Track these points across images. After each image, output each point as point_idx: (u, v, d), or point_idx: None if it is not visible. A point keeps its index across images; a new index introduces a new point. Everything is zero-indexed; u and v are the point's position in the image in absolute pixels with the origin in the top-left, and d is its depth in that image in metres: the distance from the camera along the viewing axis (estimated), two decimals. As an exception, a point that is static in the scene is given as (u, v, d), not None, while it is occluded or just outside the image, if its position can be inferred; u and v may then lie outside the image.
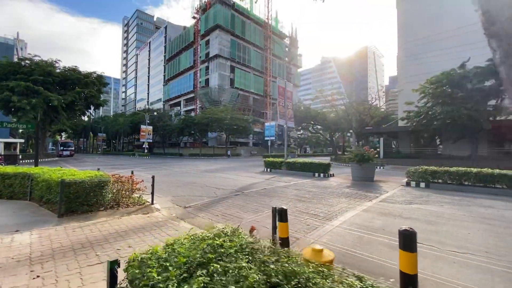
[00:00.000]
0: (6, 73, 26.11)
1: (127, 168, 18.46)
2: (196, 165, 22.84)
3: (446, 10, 25.72)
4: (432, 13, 26.60)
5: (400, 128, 26.58)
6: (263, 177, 13.16)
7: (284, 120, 16.29)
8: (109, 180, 5.82)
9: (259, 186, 9.91)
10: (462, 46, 23.75)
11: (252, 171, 16.62)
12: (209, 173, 15.07)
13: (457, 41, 25.04)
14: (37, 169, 7.03)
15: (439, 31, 25.90)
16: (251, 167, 21.10)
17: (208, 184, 10.37)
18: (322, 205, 6.63)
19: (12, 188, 6.66)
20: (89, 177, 5.50)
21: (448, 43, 25.02)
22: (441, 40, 26.03)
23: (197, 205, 6.76)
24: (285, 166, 15.20)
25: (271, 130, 39.80)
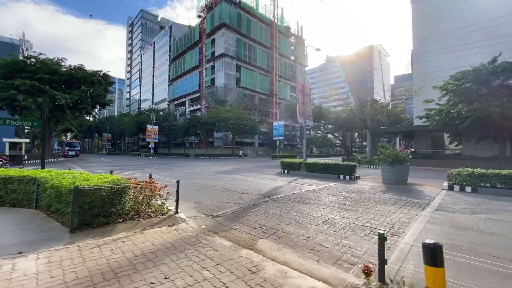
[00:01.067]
0: (11, 71, 25.56)
1: (136, 169, 17.68)
2: (206, 165, 21.99)
3: (468, 2, 24.50)
4: (453, 6, 25.39)
5: (419, 127, 25.41)
6: (284, 180, 12.22)
7: (303, 118, 15.32)
8: (128, 186, 4.93)
9: (286, 191, 8.97)
10: (488, 41, 22.51)
11: (268, 173, 15.69)
12: (224, 175, 14.17)
13: (481, 36, 23.82)
14: (44, 172, 6.18)
15: (460, 25, 24.68)
16: (265, 168, 20.18)
17: (229, 188, 9.46)
18: (374, 215, 5.68)
19: (16, 194, 5.81)
20: (105, 183, 4.61)
21: (471, 37, 23.79)
22: (462, 35, 24.81)
23: (226, 214, 5.85)
24: (305, 168, 14.23)
25: (280, 129, 38.89)
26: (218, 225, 5.09)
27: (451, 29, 26.28)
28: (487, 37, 22.51)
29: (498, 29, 21.74)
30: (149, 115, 56.74)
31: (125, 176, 5.93)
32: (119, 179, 5.11)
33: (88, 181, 4.66)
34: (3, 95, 23.12)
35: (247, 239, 4.29)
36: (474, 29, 23.57)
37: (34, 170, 6.51)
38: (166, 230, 4.57)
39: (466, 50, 23.92)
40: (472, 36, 23.57)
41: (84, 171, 6.85)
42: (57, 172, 6.22)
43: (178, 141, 61.06)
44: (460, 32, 24.67)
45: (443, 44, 27.27)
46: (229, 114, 42.65)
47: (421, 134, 30.73)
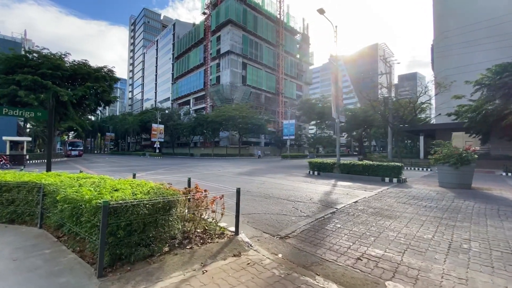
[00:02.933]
0: (12, 66, 24.17)
1: (147, 170, 16.18)
2: (221, 166, 20.47)
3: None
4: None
5: (450, 125, 23.83)
6: (323, 183, 10.70)
7: (337, 113, 13.79)
8: (178, 198, 3.42)
9: (341, 198, 7.44)
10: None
11: (295, 174, 14.16)
12: (250, 177, 12.65)
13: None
14: (51, 176, 4.68)
15: (490, 15, 23.08)
16: (285, 168, 18.65)
17: (271, 194, 7.94)
18: (488, 235, 4.15)
19: (14, 206, 4.31)
20: (145, 194, 3.11)
21: (504, 28, 22.19)
22: (493, 26, 23.20)
23: (296, 234, 4.34)
24: (339, 169, 12.70)
25: (291, 128, 37.37)
26: (298, 253, 3.58)
27: (479, 20, 24.66)
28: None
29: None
30: (153, 113, 55.34)
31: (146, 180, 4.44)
32: (160, 188, 3.60)
33: (119, 192, 3.15)
34: (4, 91, 21.73)
35: (365, 281, 2.79)
36: (508, 20, 21.98)
37: (39, 173, 5.01)
38: (235, 264, 3.06)
39: (498, 43, 22.31)
40: (506, 27, 21.97)
41: (91, 173, 5.36)
42: (69, 177, 4.72)
43: (182, 140, 59.61)
44: (490, 23, 23.05)
45: (469, 36, 25.66)
46: (237, 113, 41.14)
47: (444, 133, 29.18)
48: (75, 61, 28.23)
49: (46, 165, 5.87)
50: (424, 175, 14.99)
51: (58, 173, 5.34)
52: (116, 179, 4.58)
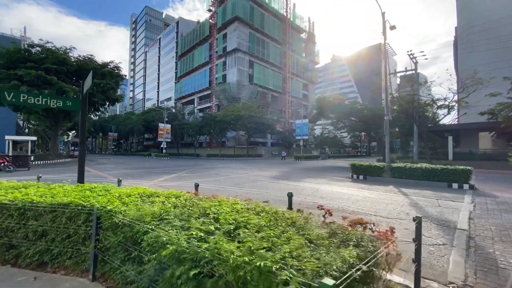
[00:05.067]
0: (13, 60, 22.51)
1: (168, 173, 14.56)
2: (241, 168, 18.91)
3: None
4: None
5: (485, 125, 22.44)
6: (388, 190, 9.21)
7: (387, 111, 12.33)
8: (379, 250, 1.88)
9: (447, 214, 5.95)
10: None
11: (337, 179, 12.66)
12: (291, 183, 11.13)
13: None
14: (106, 194, 3.15)
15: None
16: (316, 171, 17.13)
17: (353, 209, 6.43)
18: None
19: (47, 242, 2.79)
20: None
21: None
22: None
23: (461, 279, 2.84)
24: (390, 173, 11.20)
25: (304, 128, 35.90)
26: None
27: (505, 15, 23.35)
28: None
29: None
30: (157, 113, 53.66)
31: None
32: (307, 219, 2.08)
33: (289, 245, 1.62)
34: (5, 86, 20.04)
35: None
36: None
37: (74, 187, 3.47)
38: None
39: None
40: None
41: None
42: (122, 193, 3.19)
43: (187, 140, 58.03)
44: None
45: (498, 32, 24.29)
46: (246, 112, 39.60)
47: (469, 134, 27.84)
48: (80, 56, 26.63)
49: (78, 173, 4.33)
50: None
51: (93, 185, 3.81)
52: (185, 192, 3.07)
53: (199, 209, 2.45)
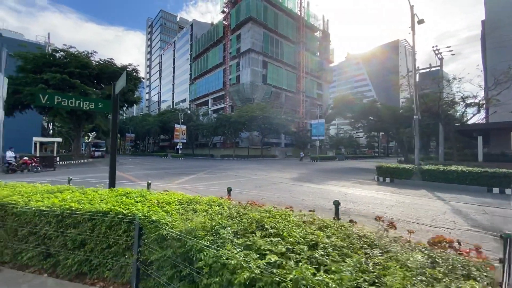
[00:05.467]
0: (40, 65, 23.55)
1: (187, 174, 14.54)
2: (259, 169, 18.64)
3: None
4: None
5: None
6: (423, 195, 8.62)
7: (416, 110, 11.64)
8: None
9: (503, 224, 5.38)
10: None
11: (361, 181, 12.09)
12: (315, 186, 10.73)
13: None
14: (150, 199, 2.98)
15: None
16: (336, 173, 16.56)
17: (392, 215, 5.98)
18: None
19: (86, 251, 2.63)
20: None
21: None
22: None
23: None
24: (420, 176, 10.52)
25: (320, 128, 35.11)
26: None
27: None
28: None
29: None
30: (172, 114, 54.62)
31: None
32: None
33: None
34: (32, 90, 20.99)
35: None
36: None
37: (109, 191, 3.32)
38: None
39: None
40: None
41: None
42: (180, 198, 3.00)
43: (201, 141, 58.65)
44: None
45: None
46: (260, 112, 39.37)
47: (500, 133, 26.08)
48: (101, 60, 27.45)
49: (109, 177, 4.21)
50: None
51: (127, 190, 3.66)
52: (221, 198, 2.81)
53: (252, 221, 2.18)
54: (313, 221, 2.27)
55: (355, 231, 2.02)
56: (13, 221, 2.91)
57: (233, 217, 2.38)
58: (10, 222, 2.93)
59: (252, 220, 2.20)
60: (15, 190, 3.53)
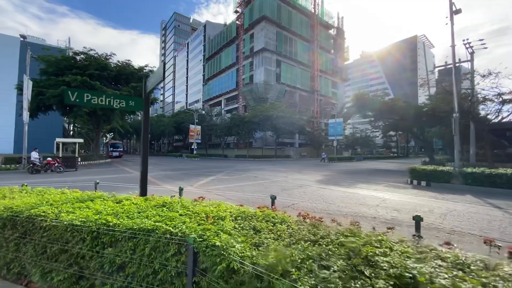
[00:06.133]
0: (61, 68, 24.19)
1: (206, 175, 14.19)
2: (278, 171, 18.04)
3: None
4: None
5: None
6: (474, 202, 7.75)
7: (457, 107, 10.69)
8: None
9: None
10: None
11: (393, 184, 11.24)
12: (341, 189, 10.04)
13: None
14: (196, 211, 2.52)
15: None
16: (360, 175, 15.71)
17: (451, 227, 5.26)
18: None
19: (126, 274, 2.17)
20: None
21: None
22: None
23: None
24: (462, 180, 9.57)
25: (338, 127, 34.01)
26: None
27: None
28: None
29: None
30: (186, 114, 55.07)
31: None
32: None
33: None
34: (54, 92, 21.52)
35: None
36: None
37: (153, 205, 2.88)
38: None
39: None
40: None
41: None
42: (230, 210, 2.51)
43: (214, 141, 58.74)
44: None
45: None
46: (274, 112, 38.75)
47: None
48: (119, 61, 27.87)
49: (141, 186, 3.80)
50: None
51: (165, 199, 3.21)
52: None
53: (349, 252, 1.64)
54: (428, 251, 1.69)
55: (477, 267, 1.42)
56: (42, 236, 2.52)
57: (315, 243, 1.84)
58: (38, 237, 2.55)
59: (348, 250, 1.65)
60: (43, 198, 3.17)
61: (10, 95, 44.49)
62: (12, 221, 2.67)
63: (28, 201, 3.03)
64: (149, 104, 4.00)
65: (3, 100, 47.58)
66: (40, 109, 24.72)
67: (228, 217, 2.42)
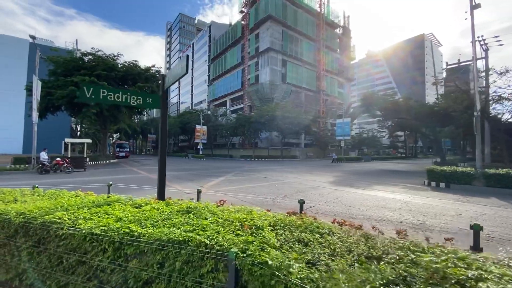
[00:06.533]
0: (69, 68, 24.35)
1: (216, 176, 13.96)
2: (288, 171, 17.71)
3: None
4: None
5: None
6: (508, 205, 7.31)
7: (477, 106, 10.24)
8: None
9: None
10: None
11: (409, 186, 10.82)
12: (357, 191, 9.67)
13: None
14: (230, 219, 2.23)
15: None
16: (372, 176, 15.27)
17: (491, 235, 4.87)
18: None
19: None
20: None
21: None
22: None
23: None
24: (484, 181, 9.11)
25: (346, 128, 33.47)
26: None
27: None
28: None
29: None
30: (192, 115, 55.13)
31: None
32: None
33: None
34: (63, 93, 21.62)
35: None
36: None
37: (176, 210, 2.62)
38: None
39: None
40: None
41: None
42: (264, 217, 2.22)
43: (219, 142, 58.63)
44: None
45: None
46: (281, 112, 38.41)
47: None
48: (126, 62, 27.91)
49: (158, 189, 3.54)
50: None
51: (188, 204, 2.94)
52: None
53: (416, 268, 1.34)
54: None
55: None
56: (58, 246, 2.27)
57: (378, 260, 1.54)
58: (54, 247, 2.30)
59: (430, 272, 1.34)
60: (56, 202, 2.94)
61: (19, 96, 45.24)
62: (25, 228, 2.44)
63: (41, 205, 2.79)
64: (167, 101, 3.76)
65: (12, 101, 48.36)
66: (48, 109, 24.89)
67: (266, 226, 2.14)
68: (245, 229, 2.08)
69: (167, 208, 2.76)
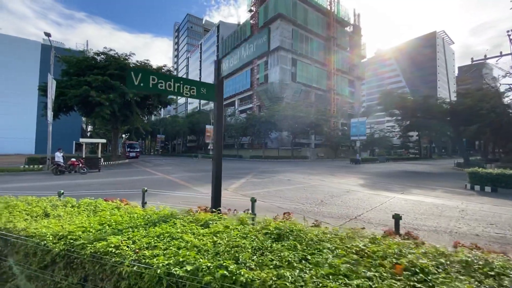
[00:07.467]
0: (82, 68, 24.22)
1: (236, 177, 13.29)
2: (308, 173, 16.92)
3: None
4: None
5: None
6: None
7: None
8: None
9: None
10: None
11: (446, 189, 9.93)
12: (398, 196, 8.86)
13: None
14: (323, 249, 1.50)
15: None
16: (400, 178, 14.36)
17: None
18: None
19: None
20: None
21: None
22: None
23: None
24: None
25: (361, 127, 32.37)
26: None
27: None
28: None
29: None
30: (201, 115, 54.90)
31: None
32: None
33: None
34: (77, 92, 21.41)
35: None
36: None
37: (236, 224, 1.91)
38: None
39: None
40: None
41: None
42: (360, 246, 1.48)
43: (228, 142, 58.14)
44: None
45: None
46: (292, 112, 37.63)
47: None
48: (138, 61, 27.66)
49: (213, 194, 2.89)
50: None
51: (280, 224, 2.26)
52: None
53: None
54: None
55: None
56: (115, 287, 1.62)
57: None
58: (109, 283, 1.65)
59: None
60: (100, 218, 2.29)
61: (31, 97, 45.73)
62: (67, 258, 1.80)
63: (81, 222, 2.16)
64: (222, 92, 3.12)
65: (25, 102, 48.97)
66: (61, 109, 24.78)
67: (428, 266, 1.44)
68: (397, 271, 1.38)
69: (244, 228, 2.08)
